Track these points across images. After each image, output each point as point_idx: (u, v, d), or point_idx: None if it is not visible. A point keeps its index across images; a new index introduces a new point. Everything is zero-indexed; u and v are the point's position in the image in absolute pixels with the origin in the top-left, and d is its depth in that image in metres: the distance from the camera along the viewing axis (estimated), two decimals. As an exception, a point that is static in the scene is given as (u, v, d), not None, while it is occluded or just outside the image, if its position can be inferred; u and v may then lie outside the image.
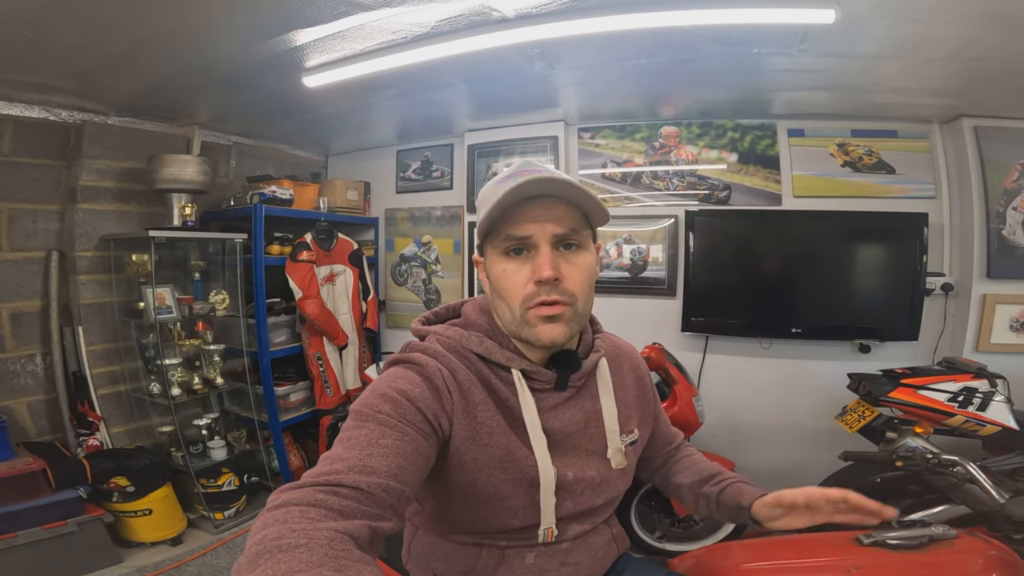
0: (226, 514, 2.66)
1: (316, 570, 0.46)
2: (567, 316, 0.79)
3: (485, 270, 0.86)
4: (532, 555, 0.87)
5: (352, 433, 0.68)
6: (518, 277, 0.79)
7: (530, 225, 0.78)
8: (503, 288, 0.81)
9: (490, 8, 1.71)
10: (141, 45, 1.90)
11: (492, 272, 0.82)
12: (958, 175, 2.56)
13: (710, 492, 0.99)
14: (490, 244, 0.82)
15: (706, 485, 1.01)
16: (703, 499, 1.01)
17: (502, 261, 0.80)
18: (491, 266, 0.83)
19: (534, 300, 0.78)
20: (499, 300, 0.83)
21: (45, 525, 2.10)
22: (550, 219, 0.78)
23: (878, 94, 2.36)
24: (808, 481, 2.20)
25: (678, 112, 2.87)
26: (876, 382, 2.08)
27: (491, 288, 0.84)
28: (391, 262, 3.64)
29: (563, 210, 0.79)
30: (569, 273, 0.79)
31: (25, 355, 2.52)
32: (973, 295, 2.48)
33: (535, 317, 0.79)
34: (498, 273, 0.81)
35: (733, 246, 2.77)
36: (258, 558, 0.47)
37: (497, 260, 0.81)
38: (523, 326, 0.80)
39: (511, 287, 0.79)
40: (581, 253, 0.81)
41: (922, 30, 1.73)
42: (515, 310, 0.80)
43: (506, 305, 0.81)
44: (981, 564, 0.91)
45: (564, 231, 0.78)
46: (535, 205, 0.78)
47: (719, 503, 0.97)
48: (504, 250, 0.80)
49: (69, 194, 2.61)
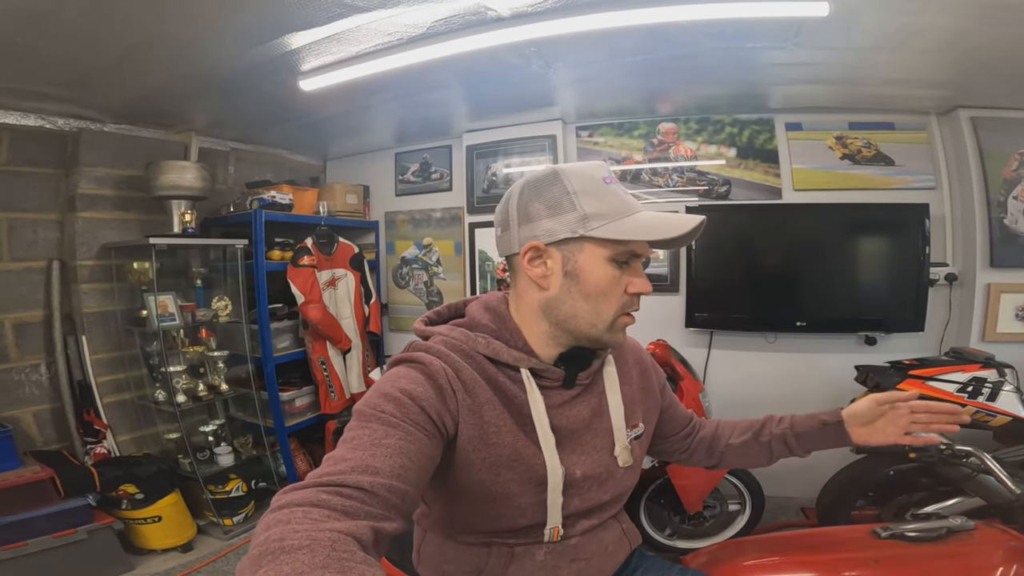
0: (235, 520, 2.66)
1: (319, 572, 0.45)
2: None
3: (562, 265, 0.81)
4: (542, 552, 0.87)
5: (355, 433, 0.67)
6: (619, 285, 0.81)
7: (646, 246, 0.83)
8: (603, 293, 0.81)
9: (485, 7, 1.70)
10: (135, 52, 1.89)
11: (595, 274, 0.80)
12: (957, 166, 2.56)
13: (781, 432, 1.02)
14: (598, 244, 0.80)
15: (765, 430, 1.04)
16: (775, 442, 1.03)
17: (609, 267, 0.81)
18: (592, 267, 0.80)
19: (628, 309, 0.83)
20: (586, 302, 0.81)
21: (55, 533, 2.09)
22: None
23: (874, 86, 2.36)
24: (819, 475, 2.23)
25: (676, 108, 2.86)
26: (884, 374, 2.07)
27: (576, 287, 0.81)
28: (392, 265, 3.64)
29: None
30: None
31: (29, 365, 2.51)
32: (977, 284, 2.48)
33: (622, 324, 0.84)
34: (605, 277, 0.81)
35: (735, 241, 2.77)
36: (261, 559, 0.47)
37: (604, 264, 0.80)
38: (608, 331, 0.83)
39: (613, 293, 0.81)
40: None
41: (914, 21, 1.72)
42: (608, 315, 0.82)
43: (595, 308, 0.81)
44: (1001, 555, 0.90)
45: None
46: None
47: (798, 436, 1.01)
48: (614, 257, 0.80)
49: (68, 203, 2.60)
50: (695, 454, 1.10)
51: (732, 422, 1.09)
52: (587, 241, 0.79)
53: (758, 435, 1.04)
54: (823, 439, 1.00)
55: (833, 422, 0.99)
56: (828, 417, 1.00)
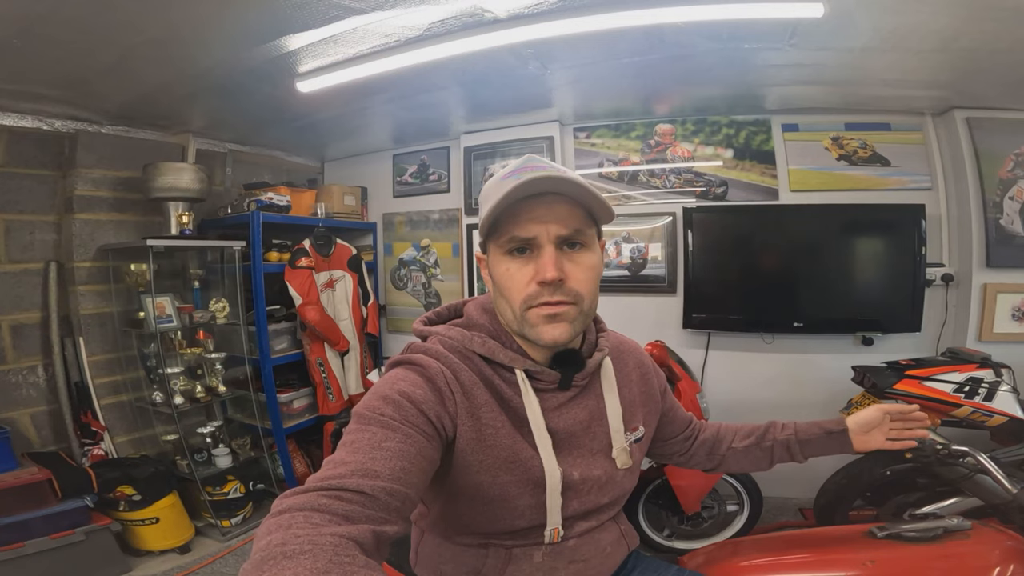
0: (233, 521, 2.65)
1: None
2: (571, 315, 0.78)
3: (488, 268, 0.84)
4: (539, 553, 0.87)
5: (355, 436, 0.67)
6: (520, 276, 0.78)
7: (534, 226, 0.76)
8: (505, 287, 0.80)
9: (482, 9, 1.70)
10: (132, 53, 1.90)
11: (495, 271, 0.81)
12: (953, 166, 2.57)
13: (785, 438, 1.03)
14: (493, 242, 0.81)
15: (769, 435, 1.04)
16: (778, 447, 1.04)
17: (505, 260, 0.79)
18: (494, 265, 0.81)
19: (536, 300, 0.77)
20: (501, 299, 0.82)
21: (53, 535, 2.09)
22: (554, 219, 0.76)
23: (869, 87, 2.37)
24: (816, 475, 2.23)
25: (673, 109, 2.87)
26: (881, 374, 2.07)
27: (494, 287, 0.83)
28: (390, 266, 3.64)
29: (567, 209, 0.77)
30: (574, 272, 0.78)
31: (27, 366, 2.51)
32: (974, 285, 2.48)
33: (536, 316, 0.78)
34: (501, 272, 0.80)
35: (732, 242, 2.77)
36: (263, 564, 0.47)
37: (500, 259, 0.80)
38: (524, 325, 0.79)
39: (513, 287, 0.78)
40: (586, 252, 0.80)
41: (909, 21, 1.73)
42: (516, 310, 0.79)
43: (508, 304, 0.80)
44: (999, 555, 0.90)
45: (568, 232, 0.77)
46: (539, 203, 0.76)
47: (802, 443, 1.02)
48: (507, 249, 0.79)
49: (65, 204, 2.60)
50: (695, 457, 1.10)
51: (734, 426, 1.10)
52: (488, 241, 0.82)
53: (761, 440, 1.04)
54: (826, 446, 1.02)
55: (838, 431, 1.00)
56: (832, 426, 1.01)
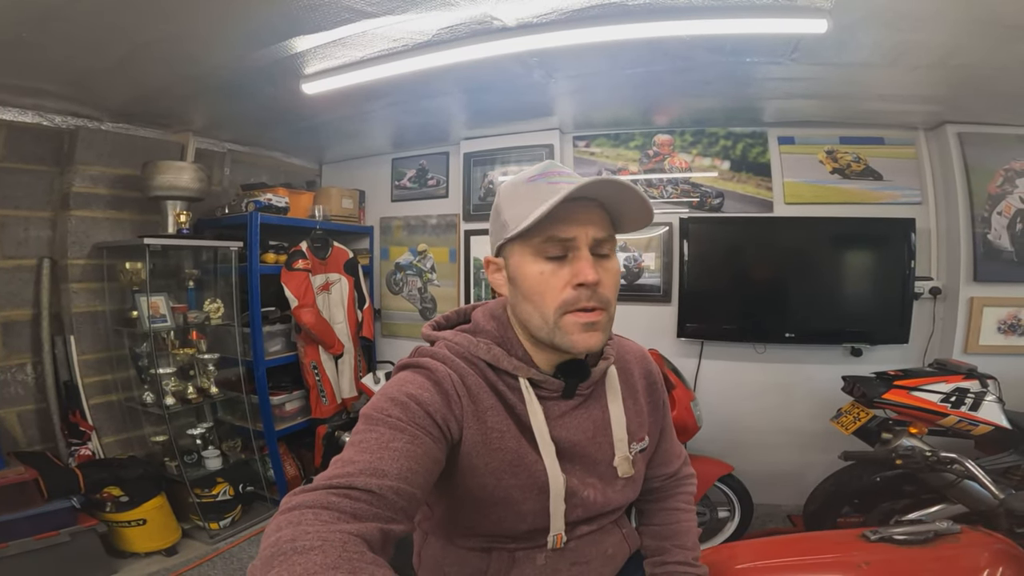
0: (221, 524, 2.62)
1: (330, 572, 0.47)
2: (603, 323, 0.78)
3: (507, 272, 0.82)
4: (542, 556, 0.87)
5: (363, 437, 0.68)
6: (555, 280, 0.76)
7: (574, 227, 0.75)
8: (537, 292, 0.77)
9: (491, 17, 1.73)
10: (139, 51, 1.90)
11: (524, 274, 0.78)
12: (943, 181, 2.63)
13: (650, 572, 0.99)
14: (521, 244, 0.78)
15: (652, 560, 1.00)
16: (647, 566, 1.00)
17: (537, 263, 0.77)
18: (521, 267, 0.79)
19: (575, 305, 0.76)
20: (528, 304, 0.79)
21: (38, 535, 2.06)
22: (590, 222, 0.76)
23: (866, 101, 2.42)
24: (807, 482, 2.24)
25: (672, 120, 2.92)
26: (870, 384, 2.11)
27: (518, 291, 0.80)
28: (386, 271, 3.64)
29: (600, 214, 0.78)
30: (605, 278, 0.77)
31: (16, 364, 2.47)
32: (961, 298, 2.54)
33: (572, 324, 0.76)
34: (533, 275, 0.77)
35: (726, 253, 2.81)
36: (272, 560, 0.48)
37: (530, 261, 0.77)
38: (556, 332, 0.77)
39: (548, 291, 0.76)
40: (611, 259, 0.80)
41: (910, 38, 1.78)
42: (549, 315, 0.77)
43: (537, 309, 0.78)
44: (988, 557, 0.93)
45: (604, 235, 0.77)
46: (577, 206, 0.76)
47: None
48: (542, 251, 0.76)
49: (62, 201, 2.58)
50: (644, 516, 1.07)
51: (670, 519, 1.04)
52: (513, 243, 0.79)
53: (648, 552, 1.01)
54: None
55: None
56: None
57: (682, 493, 1.06)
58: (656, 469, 1.04)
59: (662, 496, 1.06)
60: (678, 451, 1.08)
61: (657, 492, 1.06)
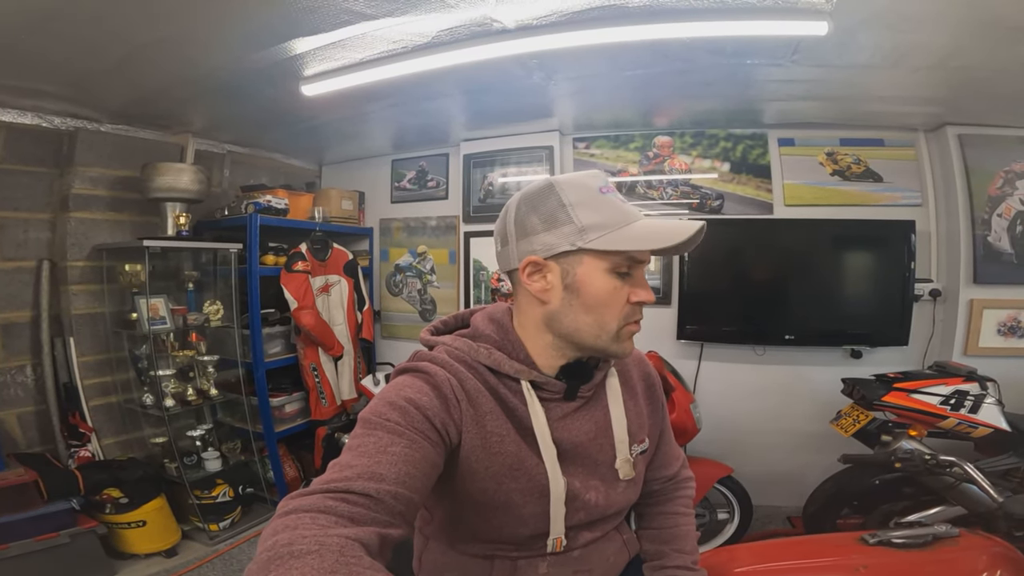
0: (221, 525, 2.62)
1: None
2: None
3: (561, 279, 0.80)
4: (544, 564, 0.87)
5: (361, 441, 0.68)
6: (620, 296, 0.80)
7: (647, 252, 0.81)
8: (605, 304, 0.80)
9: (491, 19, 1.73)
10: (138, 52, 1.90)
11: (595, 286, 0.79)
12: (944, 183, 2.63)
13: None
14: (597, 256, 0.78)
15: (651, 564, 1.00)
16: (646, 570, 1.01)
17: (611, 278, 0.79)
18: (592, 279, 0.79)
19: (632, 318, 0.82)
20: (589, 315, 0.80)
21: (38, 537, 2.06)
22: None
23: (866, 103, 2.42)
24: (806, 484, 2.24)
25: (672, 122, 2.92)
26: (869, 386, 2.11)
27: (578, 300, 0.80)
28: (386, 272, 3.63)
29: None
30: None
31: (15, 366, 2.47)
32: (961, 300, 2.54)
33: (628, 334, 0.83)
34: (606, 289, 0.79)
35: (726, 255, 2.81)
36: (269, 564, 0.48)
37: (603, 275, 0.79)
38: (614, 341, 0.82)
39: (615, 304, 0.80)
40: None
41: (910, 40, 1.78)
42: (612, 326, 0.81)
43: (598, 320, 0.80)
44: (986, 560, 0.93)
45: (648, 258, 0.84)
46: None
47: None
48: (616, 267, 0.79)
49: (61, 202, 2.58)
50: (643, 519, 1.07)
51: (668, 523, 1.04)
52: (585, 253, 0.78)
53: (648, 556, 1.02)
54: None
55: None
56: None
57: (681, 496, 1.07)
58: (655, 472, 1.04)
59: (661, 499, 1.06)
60: (677, 453, 1.08)
61: (656, 495, 1.06)
